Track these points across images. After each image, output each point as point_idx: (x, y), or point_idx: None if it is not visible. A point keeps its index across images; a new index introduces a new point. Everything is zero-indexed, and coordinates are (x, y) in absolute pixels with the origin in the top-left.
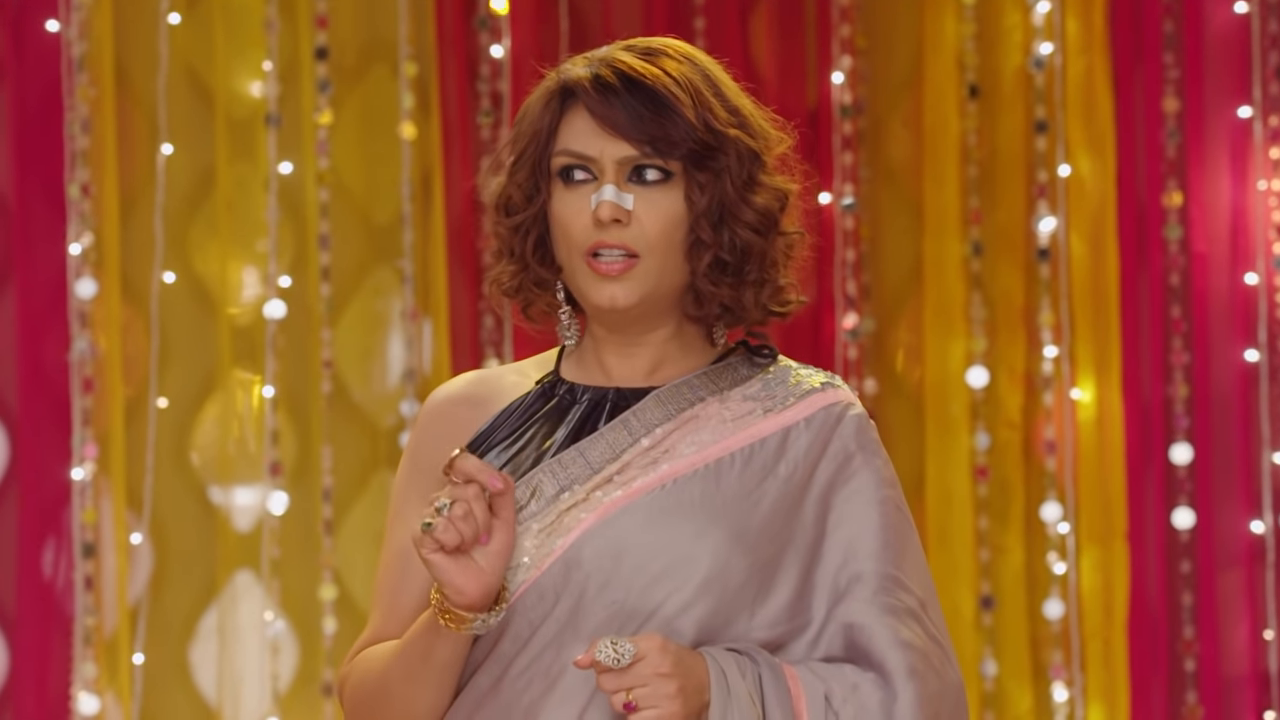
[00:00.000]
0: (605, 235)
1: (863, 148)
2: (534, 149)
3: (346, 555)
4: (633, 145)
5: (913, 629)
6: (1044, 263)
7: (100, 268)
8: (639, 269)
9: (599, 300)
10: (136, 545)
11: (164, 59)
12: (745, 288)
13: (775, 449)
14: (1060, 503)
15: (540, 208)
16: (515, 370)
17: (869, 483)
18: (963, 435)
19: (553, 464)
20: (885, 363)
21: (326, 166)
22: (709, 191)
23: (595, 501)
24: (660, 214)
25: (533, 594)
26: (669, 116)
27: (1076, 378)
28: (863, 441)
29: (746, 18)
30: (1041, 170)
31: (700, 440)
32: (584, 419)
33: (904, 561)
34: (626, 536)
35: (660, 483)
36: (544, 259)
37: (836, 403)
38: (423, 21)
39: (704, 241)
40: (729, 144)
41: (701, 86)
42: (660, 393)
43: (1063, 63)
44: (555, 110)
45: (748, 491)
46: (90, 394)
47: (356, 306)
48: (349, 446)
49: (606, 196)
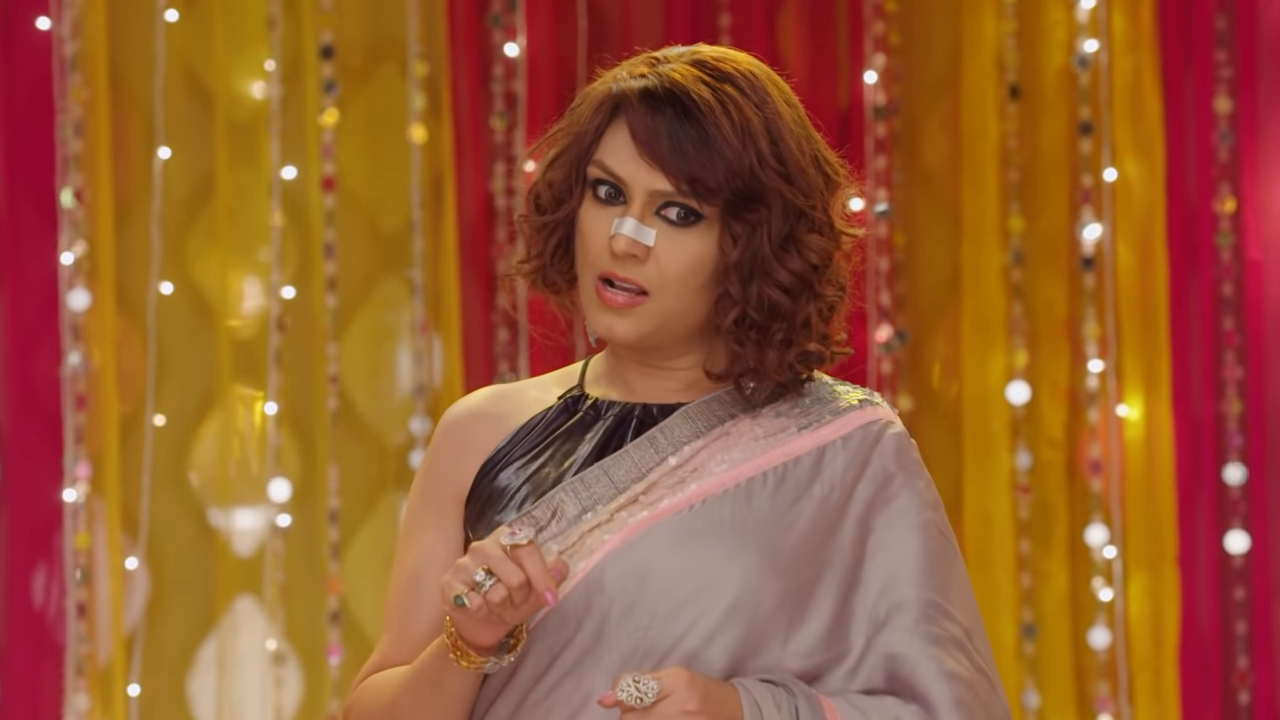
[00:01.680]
0: (618, 267)
1: (897, 151)
2: (575, 151)
3: (354, 581)
4: (668, 179)
5: (958, 660)
6: (1089, 272)
7: (94, 278)
8: (645, 308)
9: (596, 328)
10: (132, 570)
11: (161, 58)
12: (770, 347)
13: (810, 468)
14: (1106, 525)
15: (569, 212)
16: (536, 385)
17: (910, 505)
18: (1003, 454)
19: (575, 483)
20: (921, 378)
21: (332, 171)
22: (743, 244)
23: (619, 523)
24: (682, 256)
25: (553, 619)
26: (711, 157)
27: (1123, 393)
28: (903, 461)
29: (774, 14)
30: (1086, 174)
31: (731, 459)
32: (609, 436)
33: (948, 588)
34: (652, 559)
35: (689, 503)
36: (563, 263)
37: (875, 421)
38: (433, 18)
39: (731, 297)
40: (772, 197)
41: (758, 128)
42: (689, 409)
43: (1109, 61)
44: (604, 117)
45: (781, 513)
46: (83, 411)
47: (364, 319)
48: (356, 466)
49: (625, 230)
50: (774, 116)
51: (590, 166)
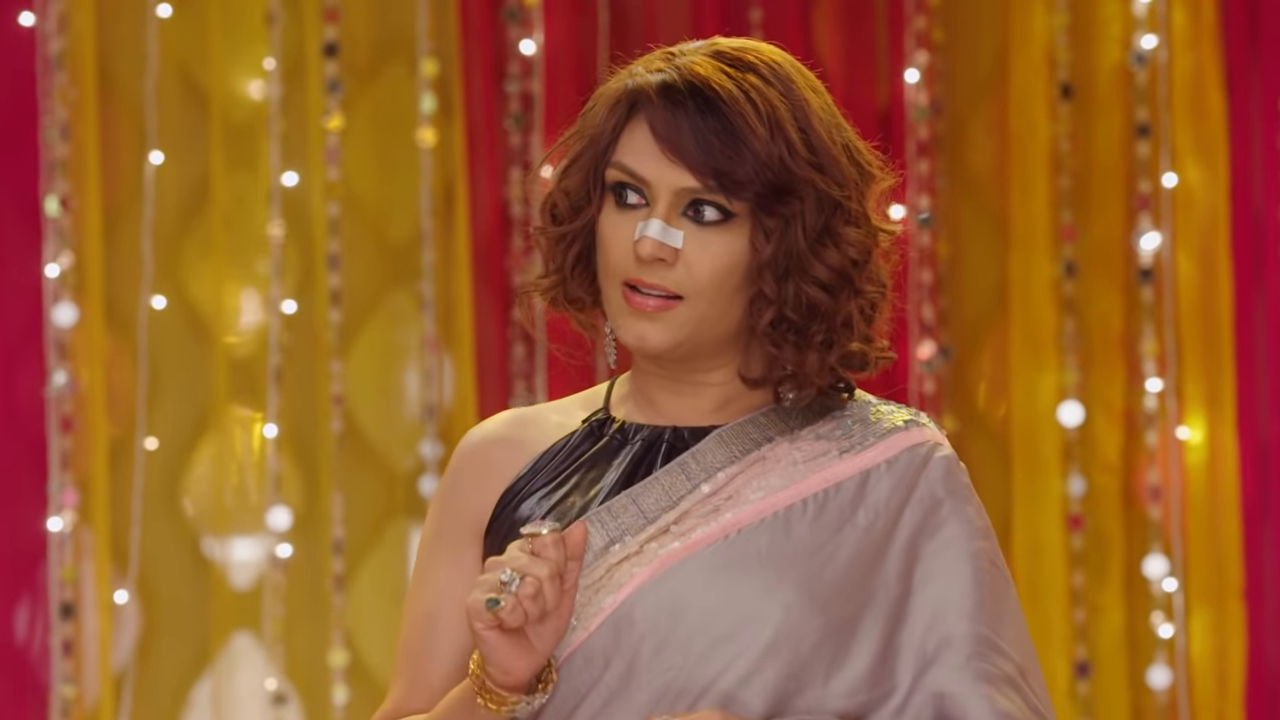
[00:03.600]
0: (645, 274)
1: (940, 155)
2: (590, 155)
3: (359, 615)
4: (693, 175)
5: (1012, 699)
6: (1146, 284)
7: (81, 292)
8: (678, 313)
9: (626, 338)
10: (121, 605)
11: (153, 56)
12: (810, 349)
13: (853, 495)
14: (1166, 556)
15: (588, 220)
16: (558, 409)
17: (960, 533)
18: (1054, 480)
19: (601, 512)
20: (966, 398)
21: (336, 177)
22: (776, 240)
23: (649, 554)
24: (713, 258)
25: (579, 658)
26: (739, 149)
27: (1184, 414)
28: (952, 487)
29: (809, 8)
30: (1144, 180)
31: (768, 485)
32: (637, 461)
33: (1001, 623)
34: (685, 593)
35: (723, 533)
36: (584, 276)
37: (922, 443)
38: (444, 14)
39: (766, 297)
40: (804, 188)
41: (785, 117)
42: (723, 432)
43: (1168, 58)
44: (620, 116)
45: (821, 543)
46: (69, 434)
47: (370, 335)
48: (362, 493)
49: (651, 233)
50: (801, 104)
51: (609, 169)
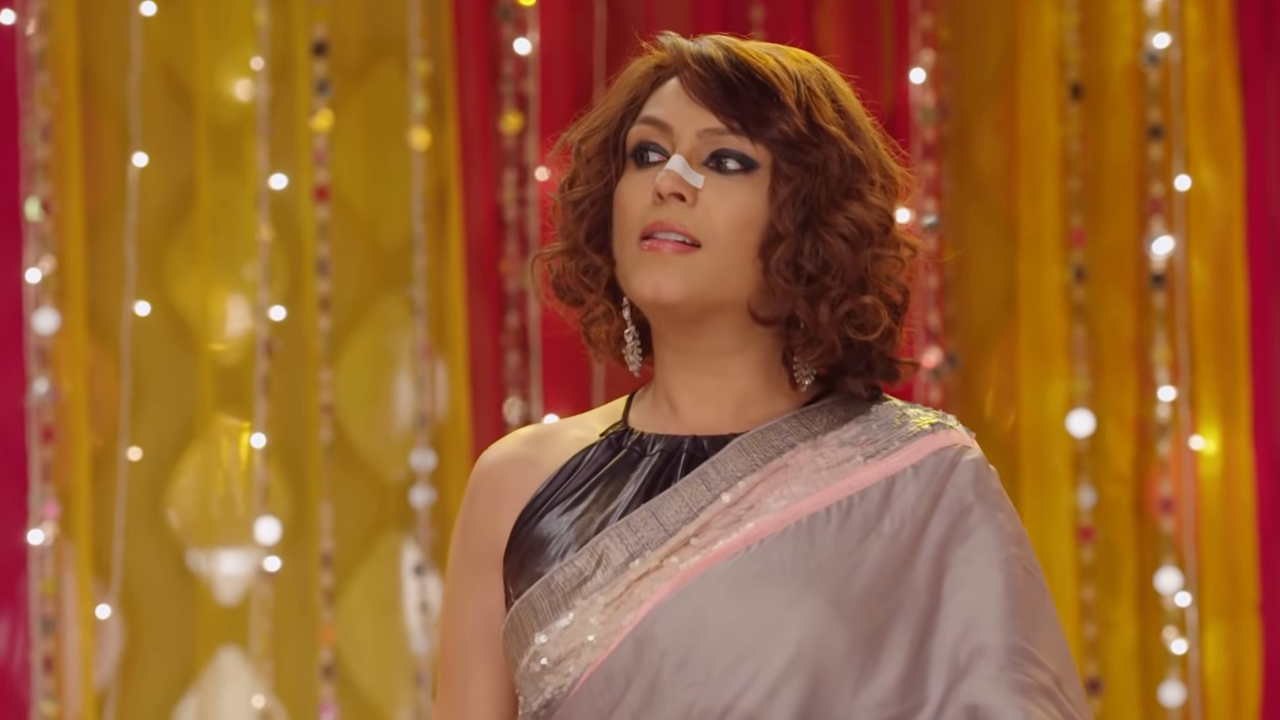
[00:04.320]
0: (663, 214)
1: (947, 157)
2: (613, 121)
3: (349, 631)
4: (719, 118)
5: (1048, 710)
6: (1159, 290)
7: (63, 298)
8: (695, 259)
9: (641, 289)
10: (104, 620)
11: (137, 55)
12: (821, 301)
13: (878, 502)
14: (1179, 570)
15: (605, 187)
16: (577, 424)
17: (990, 539)
18: (1064, 491)
19: (620, 527)
20: (972, 407)
21: (325, 180)
22: (795, 185)
23: (670, 569)
24: (732, 205)
25: (599, 678)
26: (767, 96)
27: (1197, 424)
28: (982, 491)
29: (812, 6)
30: (1156, 183)
31: (791, 493)
32: (656, 473)
33: (1035, 631)
34: (707, 608)
35: (745, 544)
36: (599, 249)
37: (950, 446)
38: (437, 11)
39: (780, 235)
40: (829, 144)
41: (815, 84)
42: (743, 440)
43: (1181, 58)
44: (646, 85)
45: (847, 552)
46: (51, 444)
47: (360, 342)
48: (352, 504)
49: (672, 166)
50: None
51: (634, 127)
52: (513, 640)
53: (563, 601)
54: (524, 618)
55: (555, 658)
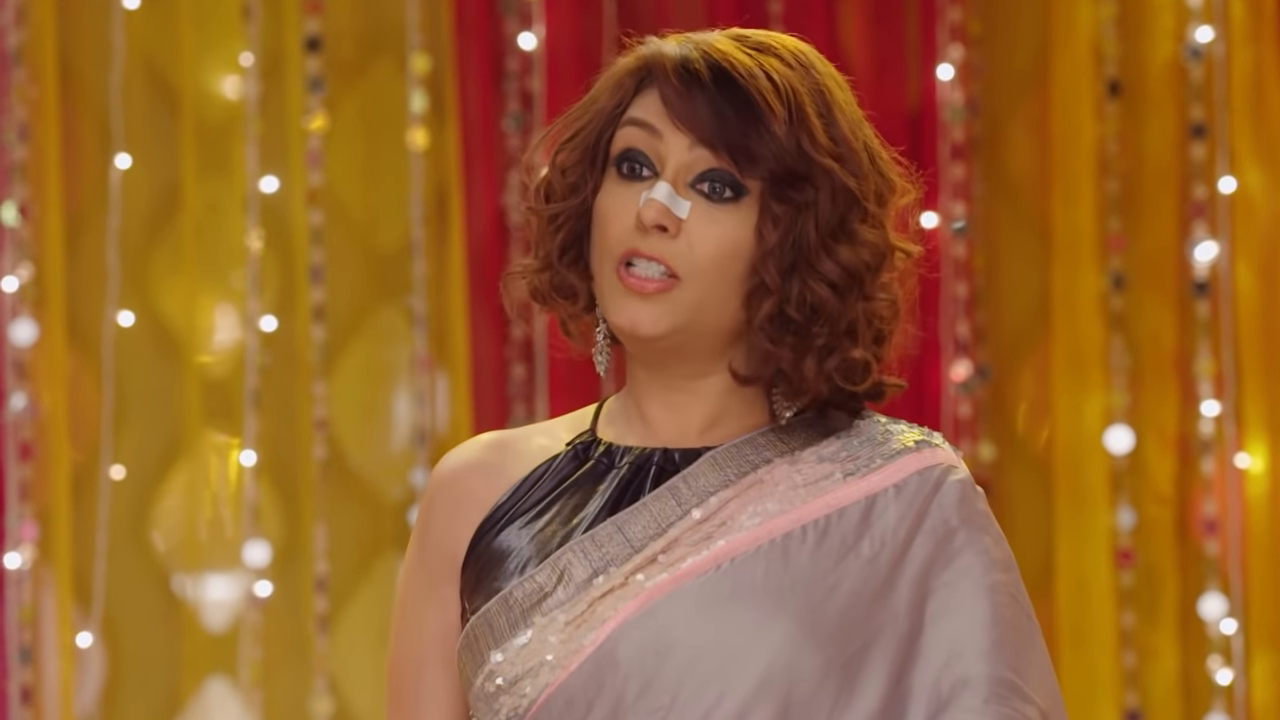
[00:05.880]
0: (644, 243)
1: (977, 158)
2: (593, 129)
3: (345, 658)
4: (706, 148)
5: None
6: (1202, 298)
7: (41, 307)
8: (676, 294)
9: (619, 320)
10: (85, 648)
11: (119, 51)
12: (808, 353)
13: (857, 522)
14: (1224, 595)
15: (583, 200)
16: (542, 431)
17: (975, 564)
18: (1101, 512)
19: (584, 541)
20: (1004, 422)
21: (319, 182)
22: (784, 228)
23: (635, 587)
24: (718, 236)
25: (558, 701)
26: (755, 127)
27: (1243, 440)
28: (967, 513)
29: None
30: (1199, 185)
31: (765, 510)
32: (624, 486)
33: (1023, 662)
34: (673, 629)
35: (715, 563)
36: (575, 262)
37: (934, 465)
38: (437, 5)
39: (767, 288)
40: (821, 177)
41: (806, 101)
42: (717, 454)
43: (1225, 52)
44: (629, 88)
45: (823, 573)
46: (29, 462)
47: (356, 354)
48: (347, 526)
49: (657, 195)
50: (823, 92)
51: (618, 132)
52: (467, 658)
53: (521, 619)
54: (480, 635)
55: (511, 677)
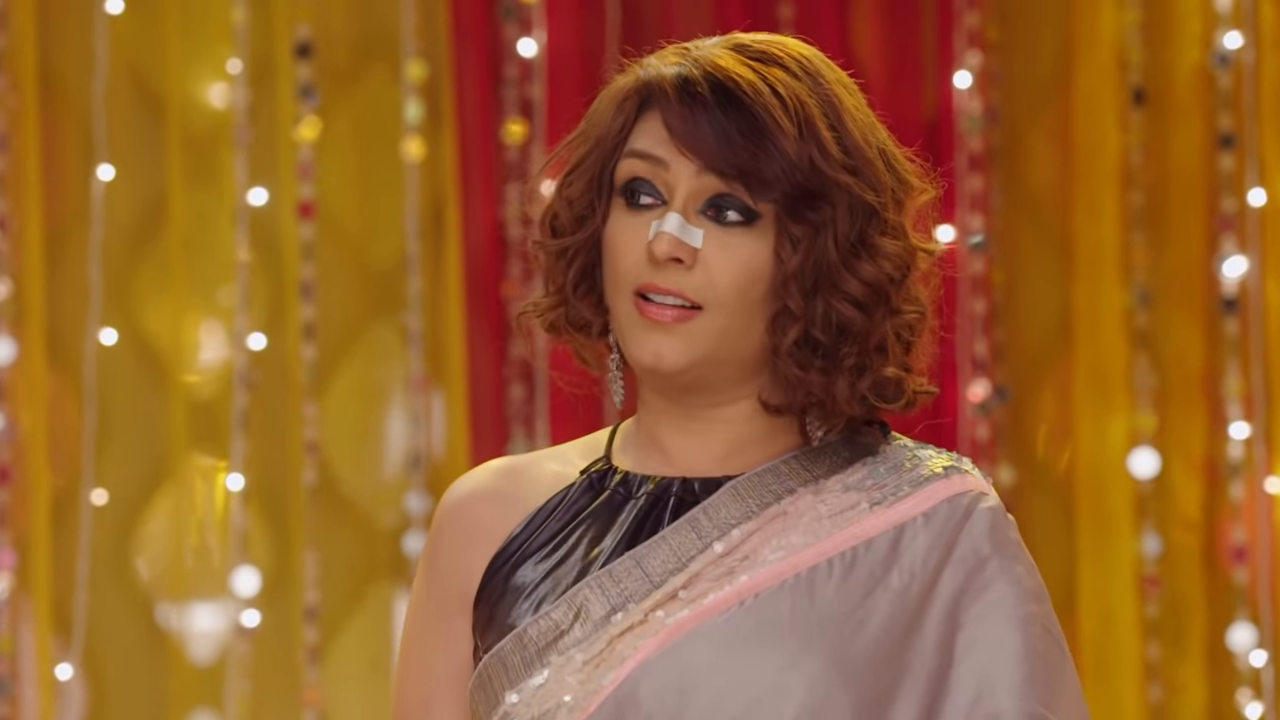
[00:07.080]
0: (659, 278)
1: (996, 169)
2: (596, 157)
3: (335, 691)
4: (714, 174)
5: None
6: (1230, 315)
7: (20, 324)
8: (697, 324)
9: (640, 355)
10: (65, 681)
11: (102, 57)
12: (839, 375)
13: (885, 553)
14: (1254, 625)
15: (592, 232)
16: (555, 457)
17: (1008, 595)
18: (1125, 538)
19: (602, 576)
20: (1024, 445)
21: (310, 194)
22: (804, 250)
23: (656, 624)
24: (735, 262)
25: None
26: (764, 147)
27: (1273, 464)
28: (999, 542)
29: (846, 4)
30: (1227, 197)
31: (789, 543)
32: (642, 518)
33: (1056, 697)
34: (696, 668)
35: (738, 598)
36: (588, 294)
37: (964, 492)
38: (433, 10)
39: (791, 313)
40: (837, 193)
41: (815, 114)
42: (738, 483)
43: (1255, 59)
44: (630, 113)
45: (851, 608)
46: (6, 486)
47: (349, 373)
48: (339, 553)
49: (668, 228)
50: (832, 101)
51: (621, 163)
52: (480, 698)
53: (536, 657)
54: (494, 674)
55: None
